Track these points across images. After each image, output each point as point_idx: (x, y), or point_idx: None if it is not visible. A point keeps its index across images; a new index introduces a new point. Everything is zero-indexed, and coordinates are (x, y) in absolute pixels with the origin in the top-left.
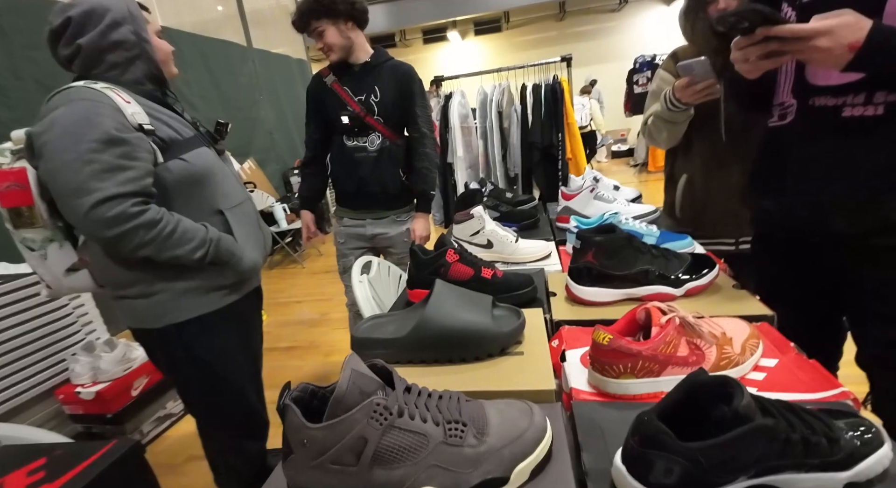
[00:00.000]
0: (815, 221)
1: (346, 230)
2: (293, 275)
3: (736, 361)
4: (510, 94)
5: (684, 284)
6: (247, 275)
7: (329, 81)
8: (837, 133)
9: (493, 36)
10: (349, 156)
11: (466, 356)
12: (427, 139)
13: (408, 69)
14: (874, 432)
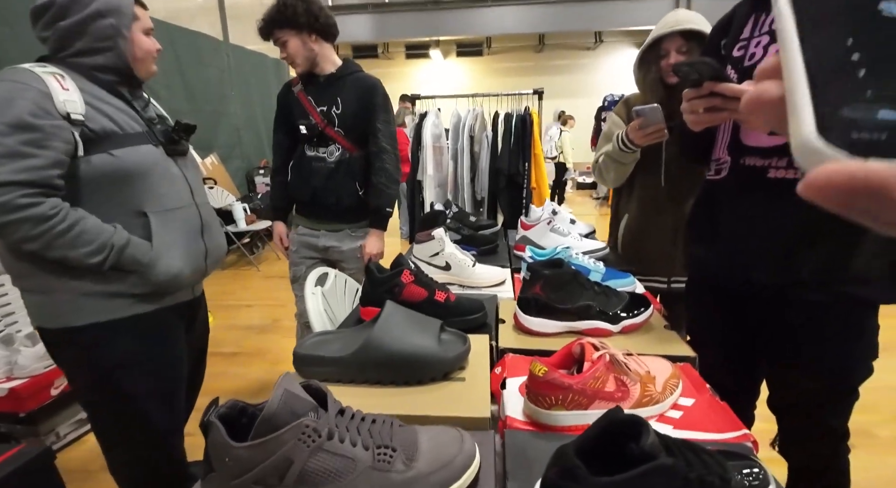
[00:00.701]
0: (739, 272)
1: (300, 238)
2: (246, 278)
3: (657, 399)
4: (483, 120)
5: (621, 321)
6: (161, 288)
7: (296, 90)
8: (762, 192)
9: (474, 59)
10: (307, 166)
11: (410, 379)
12: (387, 154)
13: (373, 82)
14: (762, 475)
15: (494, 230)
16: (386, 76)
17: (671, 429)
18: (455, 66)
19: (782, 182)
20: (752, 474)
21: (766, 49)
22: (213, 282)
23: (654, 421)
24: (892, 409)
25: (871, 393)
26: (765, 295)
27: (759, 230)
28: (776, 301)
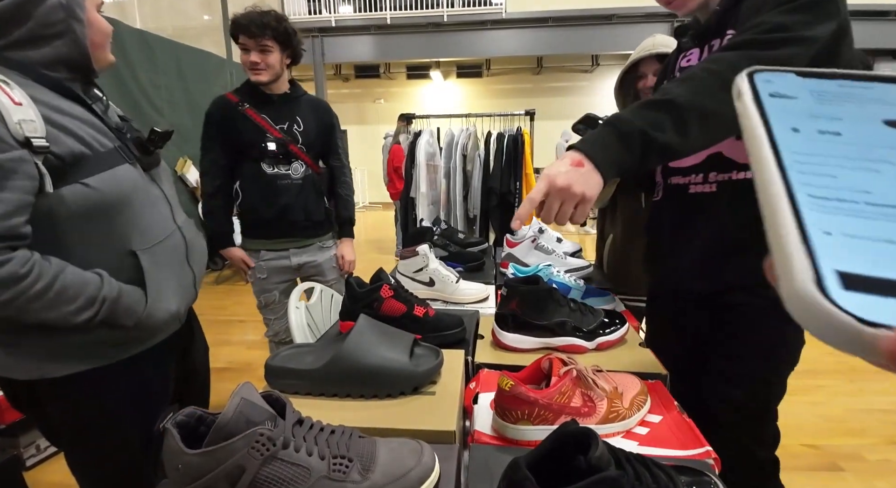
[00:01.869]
0: (676, 284)
1: (268, 264)
2: (241, 293)
3: (624, 415)
4: (476, 139)
5: (596, 338)
6: (157, 330)
7: (243, 108)
8: (688, 207)
9: (474, 80)
10: (270, 184)
11: (379, 393)
12: (346, 169)
13: (325, 104)
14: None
15: (482, 247)
16: (388, 96)
17: (637, 446)
18: (455, 87)
19: (701, 196)
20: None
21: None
22: (207, 297)
23: (621, 437)
24: (880, 433)
25: (860, 415)
26: (697, 303)
27: (691, 244)
28: (707, 307)
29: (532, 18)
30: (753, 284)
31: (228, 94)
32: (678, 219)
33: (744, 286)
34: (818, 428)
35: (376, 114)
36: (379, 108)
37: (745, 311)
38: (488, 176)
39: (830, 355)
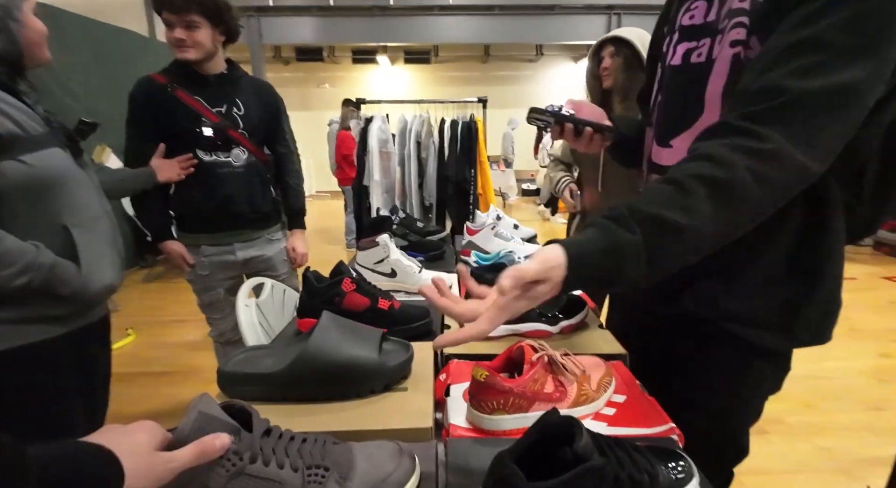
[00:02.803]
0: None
1: (211, 260)
2: (178, 291)
3: (592, 397)
4: (429, 126)
5: (559, 322)
6: (94, 301)
7: (171, 89)
8: None
9: (422, 66)
10: (208, 172)
11: (348, 393)
12: (295, 156)
13: (269, 85)
14: (686, 467)
15: (442, 236)
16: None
17: (605, 426)
18: (403, 73)
19: None
20: (677, 467)
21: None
22: (137, 296)
23: (590, 419)
24: (799, 397)
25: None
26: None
27: None
28: (666, 326)
29: (478, 6)
30: (716, 317)
31: (154, 75)
32: None
33: (707, 318)
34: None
35: (320, 99)
36: (323, 92)
37: (707, 343)
38: (443, 164)
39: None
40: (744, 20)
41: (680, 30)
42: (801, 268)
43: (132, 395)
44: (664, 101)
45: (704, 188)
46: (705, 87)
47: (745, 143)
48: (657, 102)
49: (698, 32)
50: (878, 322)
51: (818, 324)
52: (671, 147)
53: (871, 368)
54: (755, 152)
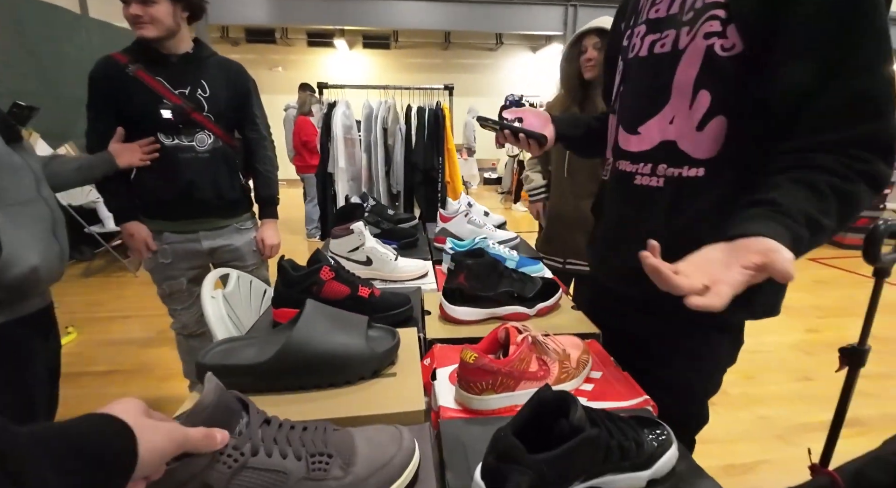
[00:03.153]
0: (610, 283)
1: (174, 247)
2: (122, 286)
3: (573, 374)
4: (395, 113)
5: (536, 305)
6: (14, 288)
7: (132, 69)
8: (630, 200)
9: (382, 52)
10: (169, 157)
11: (337, 381)
12: (267, 142)
13: (240, 66)
14: (666, 435)
15: (413, 223)
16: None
17: (586, 401)
18: (362, 58)
19: (645, 190)
20: (659, 435)
21: (644, 40)
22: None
23: None
24: (740, 370)
25: None
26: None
27: (623, 242)
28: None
29: None
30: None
31: (115, 54)
32: (618, 213)
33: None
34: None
35: (273, 82)
36: (276, 76)
37: (672, 320)
38: (410, 151)
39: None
40: (719, 13)
41: (646, 22)
42: None
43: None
44: (629, 91)
45: (836, 196)
46: (672, 75)
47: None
48: (620, 93)
49: (663, 24)
50: (805, 300)
51: (772, 296)
52: (639, 133)
53: (800, 342)
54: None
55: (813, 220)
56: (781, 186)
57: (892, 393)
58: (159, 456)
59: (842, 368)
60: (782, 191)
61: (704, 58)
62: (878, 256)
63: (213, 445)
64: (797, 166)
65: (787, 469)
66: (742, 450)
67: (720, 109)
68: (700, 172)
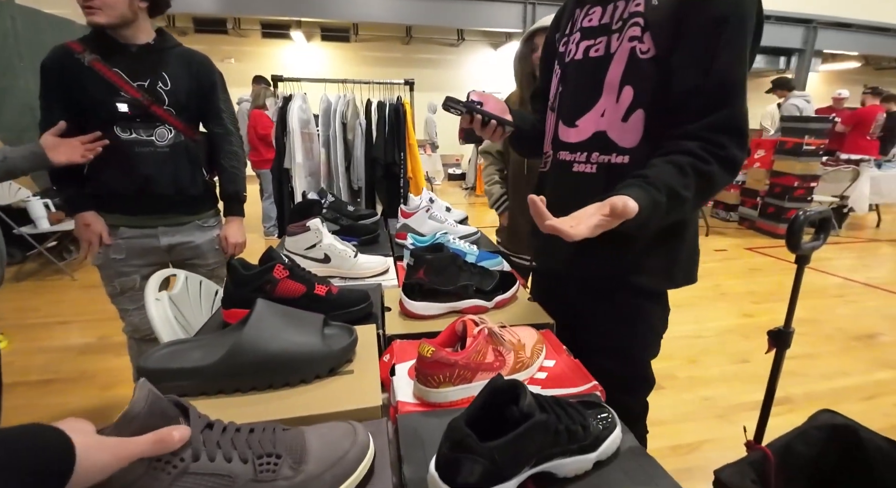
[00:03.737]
0: (556, 262)
1: (128, 243)
2: (58, 290)
3: (527, 364)
4: (355, 107)
5: (495, 297)
6: None
7: (87, 59)
8: (570, 185)
9: (341, 44)
10: (125, 151)
11: (291, 380)
12: (234, 136)
13: (205, 58)
14: (610, 418)
15: (374, 219)
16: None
17: (540, 389)
18: (320, 51)
19: (581, 176)
20: (604, 418)
21: (579, 46)
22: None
23: (526, 383)
24: (685, 355)
25: (669, 342)
26: (567, 280)
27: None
28: (575, 286)
29: None
30: (615, 272)
31: (70, 43)
32: (558, 198)
33: (611, 275)
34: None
35: (226, 75)
36: (229, 68)
37: (608, 294)
38: (371, 146)
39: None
40: (639, 20)
41: (581, 30)
42: (672, 226)
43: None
44: (567, 91)
45: (695, 174)
46: (605, 75)
47: (715, 151)
48: (559, 93)
49: (596, 32)
50: (741, 286)
51: (687, 266)
52: (577, 126)
53: (737, 326)
54: (721, 157)
55: (673, 191)
56: (655, 165)
57: (817, 372)
58: (99, 471)
59: (770, 350)
60: (654, 169)
61: (629, 58)
62: (798, 245)
63: (169, 447)
64: (672, 151)
65: (727, 446)
66: (687, 430)
67: (640, 103)
68: (626, 159)
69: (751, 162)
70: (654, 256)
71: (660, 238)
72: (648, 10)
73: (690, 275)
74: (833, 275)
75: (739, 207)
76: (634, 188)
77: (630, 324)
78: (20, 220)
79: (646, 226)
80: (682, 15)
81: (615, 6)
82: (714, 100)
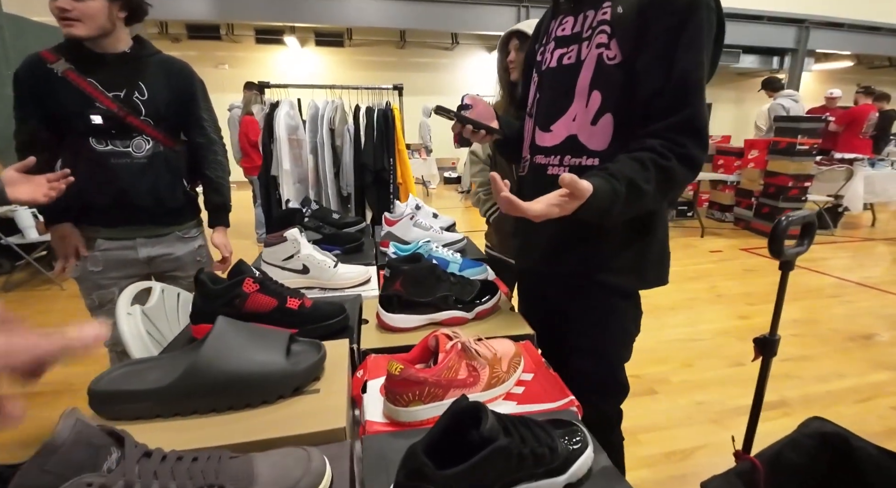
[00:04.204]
0: (533, 260)
1: (106, 254)
2: (46, 300)
3: (503, 378)
4: (343, 113)
5: (475, 308)
6: None
7: (60, 69)
8: (545, 188)
9: (335, 50)
10: (101, 163)
11: (252, 402)
12: (218, 146)
13: (184, 65)
14: (581, 437)
15: (360, 227)
16: (232, 61)
17: (515, 405)
18: (314, 56)
19: (556, 178)
20: (574, 438)
21: (553, 54)
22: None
23: (502, 399)
24: (679, 359)
25: (664, 345)
26: (550, 280)
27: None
28: (557, 285)
29: None
30: (589, 270)
31: (44, 52)
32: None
33: (583, 272)
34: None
35: (219, 81)
36: (222, 74)
37: (583, 293)
38: (360, 152)
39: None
40: (605, 28)
41: (555, 39)
42: (641, 226)
43: None
44: (543, 98)
45: (655, 168)
46: (576, 81)
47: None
48: (536, 100)
49: (569, 41)
50: (737, 288)
51: (657, 266)
52: (551, 131)
53: (733, 328)
54: (681, 155)
55: (633, 182)
56: (619, 160)
57: (812, 374)
58: None
59: (756, 358)
60: (616, 164)
61: (596, 64)
62: (782, 250)
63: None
64: (635, 149)
65: (721, 452)
66: (681, 436)
67: (608, 108)
68: (595, 162)
69: (745, 162)
70: (624, 255)
71: (629, 236)
72: (614, 17)
73: (662, 276)
74: (828, 274)
75: (734, 208)
76: (595, 177)
77: (603, 323)
78: (8, 230)
79: (607, 213)
80: (645, 21)
81: (585, 16)
82: (674, 101)
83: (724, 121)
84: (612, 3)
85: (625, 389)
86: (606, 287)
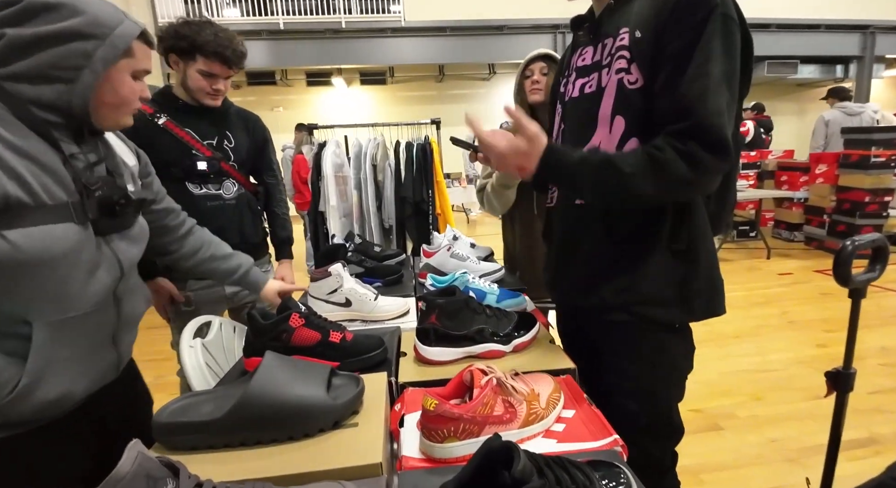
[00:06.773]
0: (564, 292)
1: (198, 294)
2: None
3: (542, 415)
4: (384, 148)
5: (513, 341)
6: (39, 413)
7: (162, 121)
8: (573, 219)
9: (379, 87)
10: (196, 205)
11: (295, 434)
12: (281, 185)
13: (256, 117)
14: (625, 480)
15: (399, 259)
16: (286, 103)
17: (556, 443)
18: (359, 94)
19: (583, 208)
20: (616, 481)
21: (575, 84)
22: None
23: (541, 437)
24: (747, 391)
25: (729, 377)
26: (586, 317)
27: (573, 256)
28: (594, 322)
29: (431, 27)
30: (628, 302)
31: (145, 106)
32: (565, 231)
33: (621, 305)
34: (699, 393)
35: (275, 122)
36: (278, 116)
37: (624, 328)
38: (400, 185)
39: (702, 326)
40: (625, 54)
41: (576, 70)
42: (681, 252)
43: None
44: (567, 128)
45: (644, 155)
46: (598, 108)
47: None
48: (560, 130)
49: (589, 70)
50: (812, 313)
51: (707, 296)
52: None
53: (810, 358)
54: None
55: (609, 161)
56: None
57: None
58: None
59: (829, 394)
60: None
61: (617, 89)
62: (849, 277)
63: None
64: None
65: None
66: (753, 477)
67: (634, 132)
68: None
69: (812, 177)
70: (665, 284)
71: (669, 265)
72: (632, 42)
73: (713, 307)
74: None
75: (804, 226)
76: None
77: (649, 361)
78: None
79: (572, 179)
80: (661, 42)
81: (604, 44)
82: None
83: (786, 134)
84: (629, 29)
85: (678, 431)
86: (647, 320)
